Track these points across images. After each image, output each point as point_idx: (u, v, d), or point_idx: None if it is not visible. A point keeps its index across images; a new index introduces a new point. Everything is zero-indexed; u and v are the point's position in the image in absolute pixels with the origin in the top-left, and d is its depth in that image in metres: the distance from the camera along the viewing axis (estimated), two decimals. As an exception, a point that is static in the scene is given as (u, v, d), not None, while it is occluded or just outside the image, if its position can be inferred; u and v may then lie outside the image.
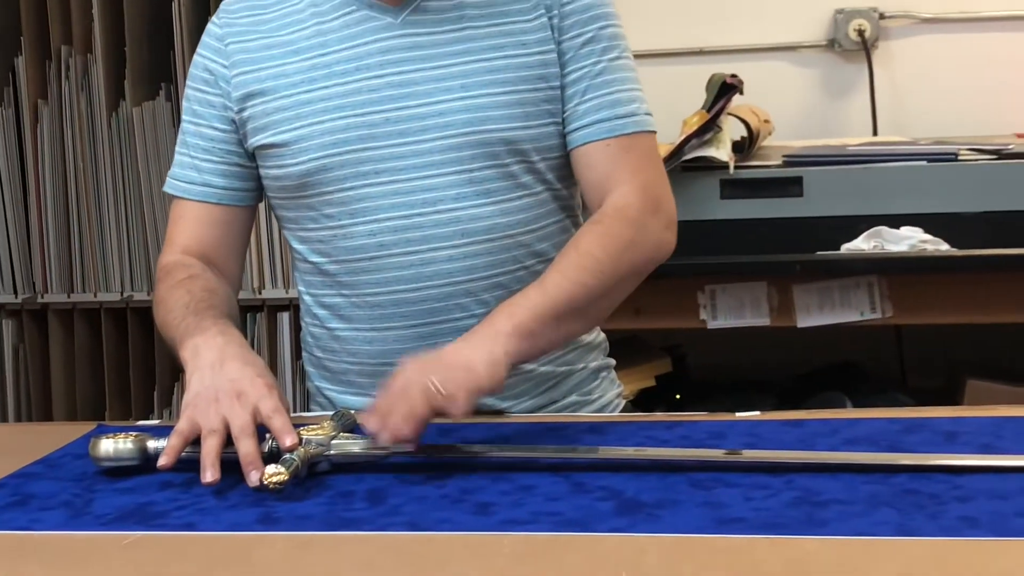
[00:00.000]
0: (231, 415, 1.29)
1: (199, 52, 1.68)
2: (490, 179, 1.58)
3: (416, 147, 1.57)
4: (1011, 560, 1.05)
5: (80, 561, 1.13)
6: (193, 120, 1.67)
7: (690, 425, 1.50)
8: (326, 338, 1.69)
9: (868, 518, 1.13)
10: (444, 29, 1.59)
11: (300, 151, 1.58)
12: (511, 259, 1.61)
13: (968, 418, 1.47)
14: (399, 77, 1.58)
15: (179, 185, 1.68)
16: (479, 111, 1.57)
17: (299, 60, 1.60)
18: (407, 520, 1.17)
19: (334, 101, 1.58)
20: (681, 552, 1.08)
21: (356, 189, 1.59)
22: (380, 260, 1.59)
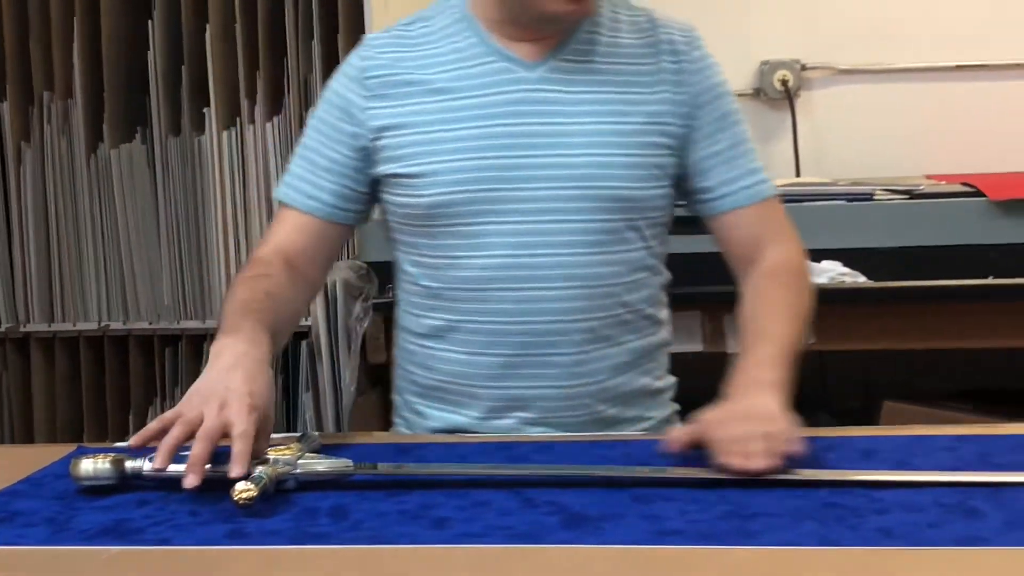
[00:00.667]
0: (206, 417, 1.28)
1: (337, 80, 1.69)
2: (598, 231, 1.59)
3: (536, 193, 1.58)
4: (924, 568, 1.06)
5: (63, 574, 1.12)
6: (319, 139, 1.67)
7: (633, 444, 1.50)
8: (422, 355, 1.70)
9: (793, 530, 1.14)
10: (575, 88, 1.60)
11: (430, 184, 1.59)
12: (603, 306, 1.62)
13: (884, 437, 1.49)
14: (529, 127, 1.58)
15: (291, 194, 1.67)
16: (599, 168, 1.58)
17: (437, 100, 1.61)
18: (369, 535, 1.17)
19: (466, 143, 1.58)
20: (624, 562, 1.09)
21: (476, 225, 1.59)
22: (487, 292, 1.60)
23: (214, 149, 2.60)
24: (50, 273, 2.67)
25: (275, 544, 1.15)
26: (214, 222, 2.61)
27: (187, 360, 2.67)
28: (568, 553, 1.10)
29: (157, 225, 2.63)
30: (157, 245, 2.64)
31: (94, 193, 2.65)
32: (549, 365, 1.60)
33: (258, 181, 2.60)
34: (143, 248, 2.64)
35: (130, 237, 2.64)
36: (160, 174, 2.63)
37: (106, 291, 2.66)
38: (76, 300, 2.67)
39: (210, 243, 2.62)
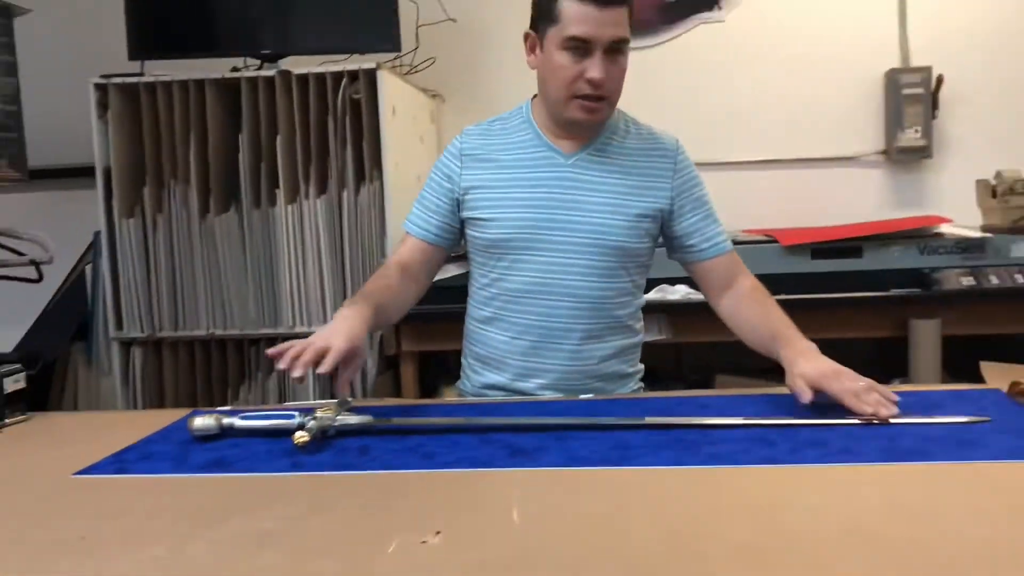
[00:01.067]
0: (319, 346, 1.34)
1: (445, 154, 1.72)
2: (599, 267, 1.62)
3: (561, 239, 1.61)
4: (739, 478, 1.08)
5: (182, 491, 1.12)
6: (430, 191, 1.72)
7: (555, 404, 1.52)
8: (479, 334, 1.72)
9: (656, 455, 1.16)
10: (593, 173, 1.63)
11: (494, 226, 1.63)
12: (598, 316, 1.65)
13: (716, 396, 1.51)
14: (561, 196, 1.62)
15: (410, 226, 1.73)
16: (604, 227, 1.61)
17: (503, 172, 1.66)
18: (382, 464, 1.19)
19: (519, 202, 1.62)
20: (548, 479, 1.11)
21: (519, 255, 1.63)
22: (524, 299, 1.64)
23: (282, 216, 2.59)
24: (175, 298, 2.65)
25: (321, 471, 1.16)
26: (283, 265, 2.60)
27: (264, 355, 2.65)
28: (512, 474, 1.12)
29: (245, 266, 2.62)
30: (245, 278, 2.62)
31: (204, 245, 2.63)
32: (558, 351, 1.64)
33: (311, 237, 2.59)
34: (236, 281, 2.63)
35: (227, 274, 2.63)
36: (247, 232, 2.61)
37: (212, 309, 2.64)
38: (192, 315, 2.65)
39: (279, 278, 2.61)
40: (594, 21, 1.49)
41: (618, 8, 1.50)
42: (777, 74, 3.06)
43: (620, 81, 1.58)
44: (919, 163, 3.02)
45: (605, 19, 1.49)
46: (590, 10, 1.48)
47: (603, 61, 1.51)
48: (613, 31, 1.50)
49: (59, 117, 2.94)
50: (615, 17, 1.50)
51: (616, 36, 1.51)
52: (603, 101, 1.56)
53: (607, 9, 1.49)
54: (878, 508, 0.96)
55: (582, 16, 1.49)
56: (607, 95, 1.56)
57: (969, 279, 2.26)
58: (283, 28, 2.71)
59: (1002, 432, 1.20)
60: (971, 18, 2.98)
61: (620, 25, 1.51)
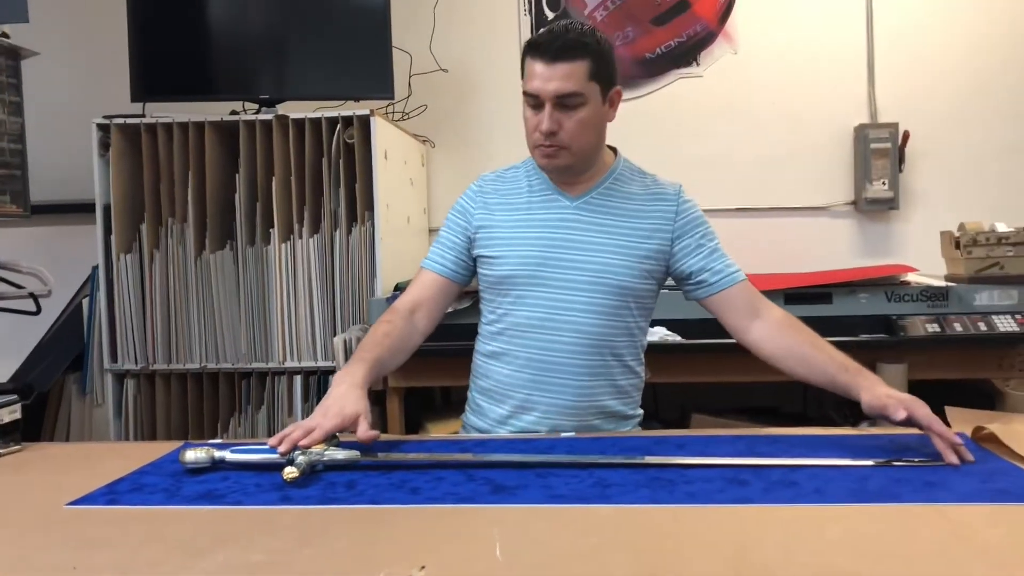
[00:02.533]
0: (306, 426, 1.33)
1: (463, 196, 1.76)
2: (601, 305, 1.62)
3: (565, 276, 1.62)
4: (712, 517, 1.07)
5: (173, 523, 1.11)
6: (447, 230, 1.74)
7: (537, 442, 1.51)
8: (484, 368, 1.72)
9: (634, 494, 1.16)
10: (597, 216, 1.65)
11: (502, 263, 1.65)
12: (599, 353, 1.64)
13: (692, 436, 1.51)
14: (565, 236, 1.64)
15: (427, 261, 1.74)
16: (610, 267, 1.62)
17: (513, 213, 1.69)
18: (369, 499, 1.18)
19: (526, 241, 1.64)
20: (528, 515, 1.10)
21: (525, 291, 1.64)
22: (528, 333, 1.64)
23: (276, 255, 2.60)
24: (169, 332, 2.64)
25: (309, 505, 1.15)
26: (275, 301, 2.60)
27: (255, 389, 2.64)
28: (494, 510, 1.12)
29: (238, 302, 2.62)
30: (238, 314, 2.62)
31: (199, 282, 2.62)
32: (559, 385, 1.63)
33: (303, 275, 2.59)
34: (229, 317, 2.62)
35: (221, 310, 2.62)
36: (241, 270, 2.61)
37: (205, 343, 2.63)
38: (185, 349, 2.63)
39: (271, 315, 2.61)
40: (541, 76, 1.54)
41: (568, 63, 1.53)
42: (752, 127, 3.11)
43: (578, 131, 1.58)
44: (886, 214, 3.06)
45: (551, 74, 1.53)
46: (539, 66, 1.54)
47: (553, 114, 1.55)
48: (559, 85, 1.53)
49: (62, 155, 2.94)
50: (563, 72, 1.53)
51: (561, 90, 1.53)
52: (558, 149, 1.59)
53: (554, 65, 1.53)
54: (847, 547, 0.96)
55: (534, 72, 1.55)
56: (562, 144, 1.58)
57: (934, 326, 2.28)
58: (281, 74, 2.73)
59: (966, 475, 1.21)
60: (935, 78, 3.04)
61: (570, 79, 1.53)
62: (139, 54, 2.66)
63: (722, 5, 3.09)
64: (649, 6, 3.09)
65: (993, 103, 3.04)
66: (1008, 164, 3.03)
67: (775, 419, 2.70)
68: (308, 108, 2.69)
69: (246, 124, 2.61)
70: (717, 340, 2.31)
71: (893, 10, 3.05)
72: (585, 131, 1.59)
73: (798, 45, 3.08)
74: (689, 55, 3.11)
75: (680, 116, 3.12)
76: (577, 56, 1.53)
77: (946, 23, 3.04)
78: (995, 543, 0.96)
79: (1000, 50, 3.03)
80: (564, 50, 1.53)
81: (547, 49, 1.53)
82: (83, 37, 3.22)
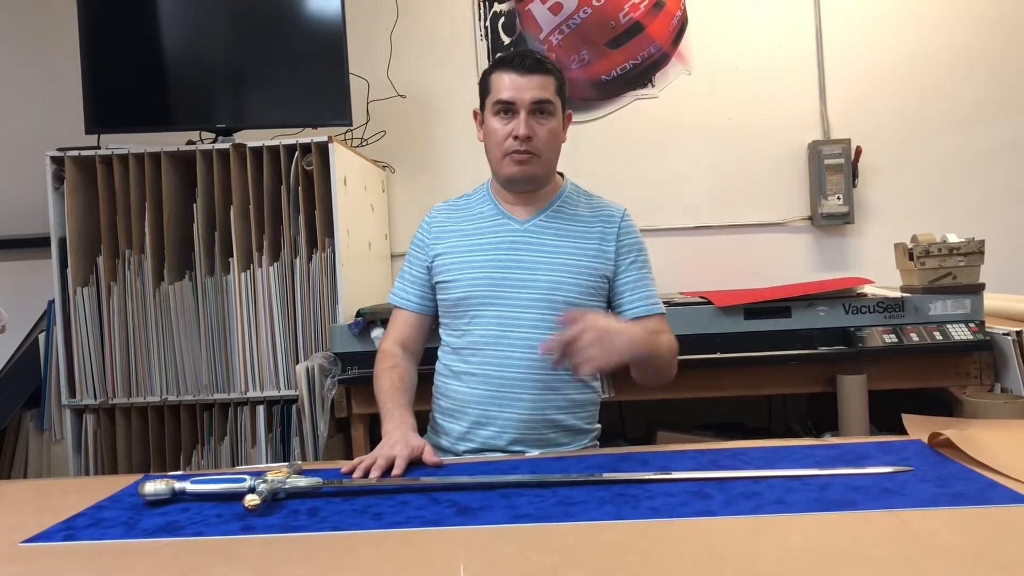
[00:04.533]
0: (382, 455, 1.42)
1: (419, 230, 1.84)
2: (551, 323, 1.65)
3: (518, 295, 1.68)
4: (676, 531, 1.08)
5: (132, 557, 1.10)
6: (409, 265, 1.83)
7: (501, 463, 1.51)
8: (443, 388, 1.76)
9: (599, 510, 1.16)
10: (546, 237, 1.72)
11: (456, 286, 1.72)
12: (552, 369, 1.64)
13: (656, 452, 1.52)
14: (516, 257, 1.70)
15: (396, 299, 1.83)
16: (558, 284, 1.68)
17: (465, 239, 1.76)
18: (332, 525, 1.17)
19: (478, 264, 1.71)
20: (493, 536, 1.10)
21: (479, 311, 1.69)
22: (483, 351, 1.69)
23: (236, 284, 2.57)
24: (129, 365, 2.60)
25: (272, 533, 1.13)
26: (236, 331, 2.57)
27: (217, 420, 2.60)
28: (459, 532, 1.11)
29: (199, 333, 2.59)
30: (199, 346, 2.59)
31: (159, 313, 2.59)
32: (514, 400, 1.67)
33: (264, 304, 2.57)
34: (189, 348, 2.59)
35: (181, 341, 2.59)
36: (201, 301, 2.59)
37: (165, 375, 2.59)
38: (145, 382, 2.59)
39: (233, 345, 2.58)
40: (516, 86, 1.65)
41: (540, 76, 1.66)
42: (708, 146, 3.15)
43: (549, 140, 1.69)
44: (842, 228, 3.11)
45: (527, 84, 1.65)
46: (514, 77, 1.65)
47: (528, 120, 1.65)
48: (535, 93, 1.65)
49: (15, 188, 2.91)
50: (537, 83, 1.65)
51: (538, 97, 1.65)
52: (532, 156, 1.68)
53: (529, 76, 1.65)
54: (808, 555, 0.97)
55: (507, 83, 1.66)
56: (535, 151, 1.67)
57: (891, 336, 2.32)
58: (238, 103, 2.72)
59: (923, 481, 1.23)
60: (885, 94, 3.11)
61: (543, 89, 1.66)
62: (92, 85, 2.64)
63: (675, 27, 3.14)
64: (604, 29, 3.13)
65: (942, 118, 3.10)
66: (958, 177, 3.10)
67: (740, 434, 2.71)
68: (266, 136, 2.68)
69: (203, 154, 2.59)
70: (682, 357, 2.34)
71: (842, 28, 3.12)
72: (554, 141, 1.71)
73: (750, 64, 3.14)
74: (644, 76, 3.15)
75: (637, 137, 3.15)
76: (547, 71, 1.68)
77: (894, 39, 3.11)
78: (953, 546, 0.98)
79: (948, 63, 3.10)
80: (537, 64, 1.67)
81: (520, 63, 1.66)
82: (35, 68, 3.19)
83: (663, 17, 3.13)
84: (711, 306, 2.40)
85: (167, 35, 2.69)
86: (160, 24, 2.69)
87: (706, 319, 2.38)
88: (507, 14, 3.16)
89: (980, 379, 2.33)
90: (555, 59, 3.00)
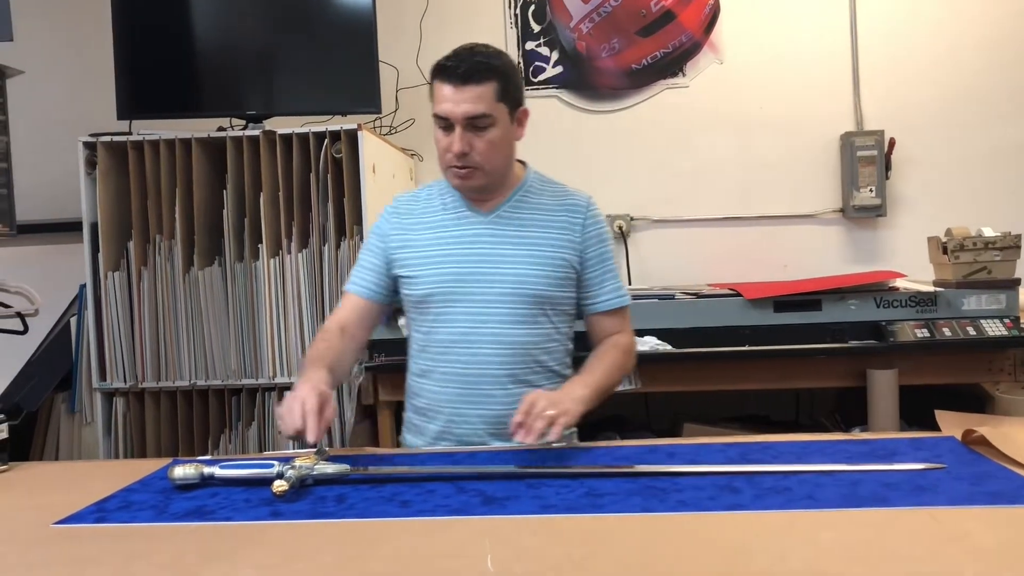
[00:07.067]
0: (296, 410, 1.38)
1: (380, 217, 1.77)
2: (521, 315, 1.64)
3: (486, 290, 1.63)
4: (706, 524, 1.07)
5: (162, 540, 1.10)
6: (367, 252, 1.75)
7: (527, 452, 1.50)
8: (416, 387, 1.72)
9: (625, 503, 1.15)
10: (510, 228, 1.67)
11: (420, 282, 1.66)
12: (523, 361, 1.65)
13: (683, 444, 1.51)
14: (481, 250, 1.65)
15: (351, 285, 1.75)
16: (526, 277, 1.64)
17: (428, 232, 1.70)
18: (359, 512, 1.17)
19: (443, 258, 1.66)
20: (520, 526, 1.09)
21: (445, 308, 1.65)
22: (453, 348, 1.64)
23: (265, 270, 2.59)
24: (158, 349, 2.62)
25: (299, 519, 1.14)
26: (265, 317, 2.59)
27: (245, 405, 2.62)
28: (485, 521, 1.11)
29: (227, 319, 2.60)
30: (227, 331, 2.61)
31: (188, 299, 2.61)
32: (486, 396, 1.64)
33: (292, 290, 2.58)
34: (218, 333, 2.61)
35: (210, 326, 2.61)
36: (230, 286, 2.61)
37: (194, 360, 2.62)
38: (175, 366, 2.62)
39: (261, 330, 2.60)
40: (450, 99, 1.57)
41: (475, 86, 1.56)
42: (739, 136, 3.12)
43: (489, 153, 1.61)
44: (873, 221, 3.07)
45: (460, 97, 1.56)
46: (447, 89, 1.57)
47: (464, 135, 1.58)
48: (468, 108, 1.56)
49: (49, 173, 2.94)
50: (471, 95, 1.56)
51: (471, 113, 1.56)
52: (471, 170, 1.62)
53: (461, 88, 1.56)
54: (838, 552, 0.96)
55: (442, 95, 1.58)
56: (474, 165, 1.61)
57: (923, 331, 2.29)
58: (268, 90, 2.73)
59: (957, 479, 1.21)
60: (920, 85, 3.06)
61: (478, 102, 1.56)
62: (125, 71, 2.66)
63: (707, 15, 3.11)
64: (635, 17, 3.11)
65: (977, 109, 3.05)
66: (993, 169, 3.05)
67: (767, 427, 2.70)
68: (295, 123, 2.68)
69: (233, 140, 2.60)
70: (708, 348, 2.33)
71: (877, 18, 3.07)
72: (496, 151, 1.62)
73: (783, 54, 3.10)
74: (675, 65, 3.13)
75: (667, 126, 3.13)
76: (484, 79, 1.57)
77: (930, 30, 3.06)
78: (987, 546, 0.96)
79: (984, 56, 3.05)
80: (471, 73, 1.56)
81: (454, 72, 1.56)
82: (69, 55, 3.22)
83: (695, 5, 3.10)
84: (740, 298, 2.38)
85: (199, 22, 2.71)
86: (192, 11, 2.71)
87: (735, 311, 2.37)
88: (537, 2, 3.15)
89: (1015, 376, 2.30)
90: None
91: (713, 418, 2.71)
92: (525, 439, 1.38)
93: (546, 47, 3.15)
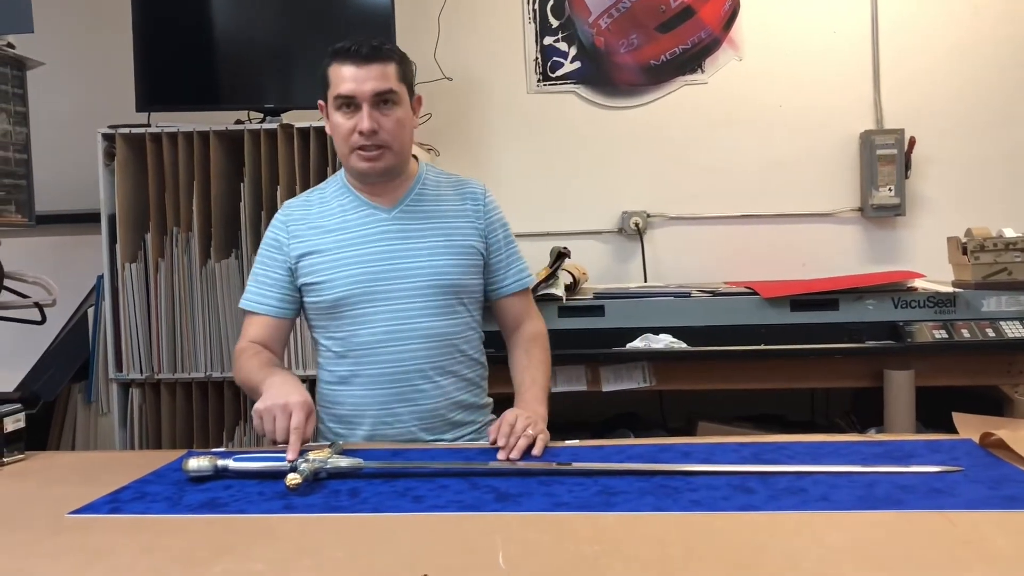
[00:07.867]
0: (280, 422, 1.37)
1: (271, 228, 1.72)
2: (444, 307, 1.64)
3: (400, 287, 1.62)
4: (719, 524, 1.07)
5: (175, 532, 1.11)
6: (263, 266, 1.71)
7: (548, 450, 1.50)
8: (332, 396, 1.69)
9: (639, 501, 1.15)
10: (417, 222, 1.67)
11: (330, 287, 1.62)
12: (446, 352, 1.65)
13: (697, 443, 1.50)
14: (390, 247, 1.64)
15: (251, 304, 1.70)
16: (441, 268, 1.64)
17: (331, 235, 1.66)
18: (372, 507, 1.18)
19: (351, 260, 1.63)
20: (532, 523, 1.09)
21: (363, 310, 1.62)
22: (374, 350, 1.62)
23: (281, 263, 2.60)
24: (174, 341, 2.64)
25: (312, 513, 1.14)
26: (280, 309, 2.60)
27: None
28: (498, 518, 1.11)
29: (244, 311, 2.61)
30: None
31: (204, 291, 2.63)
32: (417, 392, 1.64)
33: (308, 283, 2.59)
34: (234, 326, 2.62)
35: (226, 319, 2.62)
36: (247, 279, 2.60)
37: (210, 352, 2.63)
38: (191, 358, 2.63)
39: (277, 322, 2.60)
40: (354, 78, 1.57)
41: (380, 64, 1.58)
42: (757, 133, 3.10)
43: (397, 131, 1.62)
44: (892, 220, 3.05)
45: (366, 75, 1.57)
46: (351, 69, 1.57)
47: (372, 113, 1.57)
48: (375, 84, 1.57)
49: (67, 165, 2.95)
50: (377, 72, 1.57)
51: (379, 88, 1.57)
52: (382, 149, 1.61)
53: (366, 66, 1.57)
54: (852, 555, 0.95)
55: (345, 75, 1.58)
56: (383, 144, 1.61)
57: (941, 332, 2.27)
58: (286, 83, 2.74)
59: (974, 482, 1.20)
60: (941, 83, 3.04)
61: (384, 79, 1.58)
62: (144, 64, 2.67)
63: (727, 12, 3.09)
64: (654, 13, 3.09)
65: (998, 108, 3.02)
66: (1015, 169, 3.02)
67: (782, 427, 2.68)
68: (313, 117, 2.68)
69: (251, 133, 2.61)
70: (723, 347, 2.32)
71: (898, 15, 3.05)
72: (402, 130, 1.63)
73: (803, 51, 3.08)
74: (694, 62, 3.11)
75: (685, 123, 3.12)
76: (386, 58, 1.60)
77: (951, 28, 3.03)
78: (1004, 550, 0.95)
79: (1005, 53, 3.02)
80: (375, 52, 1.58)
81: (357, 53, 1.57)
82: (88, 47, 3.23)
83: (715, 2, 3.08)
84: (757, 297, 2.37)
85: (217, 15, 2.71)
86: (211, 5, 2.72)
87: (752, 310, 2.36)
88: (556, -3, 3.14)
89: (1034, 379, 2.28)
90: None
91: (728, 417, 2.70)
92: (510, 456, 1.38)
93: (564, 42, 3.14)
